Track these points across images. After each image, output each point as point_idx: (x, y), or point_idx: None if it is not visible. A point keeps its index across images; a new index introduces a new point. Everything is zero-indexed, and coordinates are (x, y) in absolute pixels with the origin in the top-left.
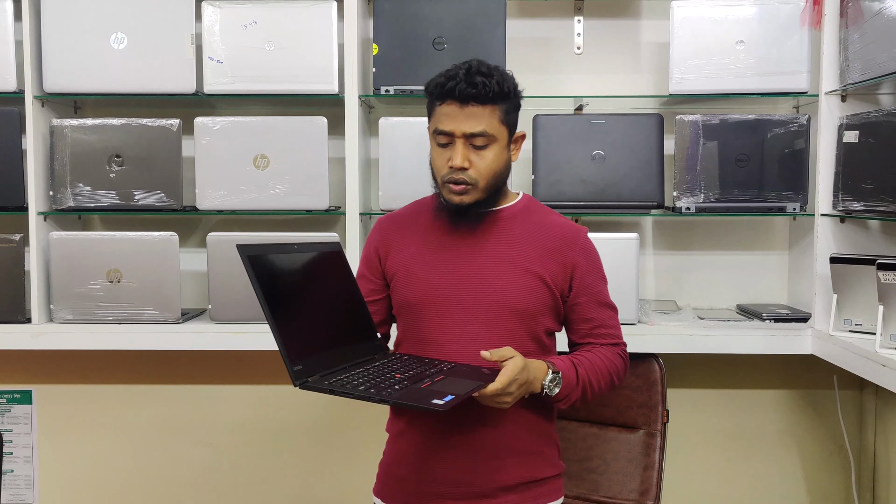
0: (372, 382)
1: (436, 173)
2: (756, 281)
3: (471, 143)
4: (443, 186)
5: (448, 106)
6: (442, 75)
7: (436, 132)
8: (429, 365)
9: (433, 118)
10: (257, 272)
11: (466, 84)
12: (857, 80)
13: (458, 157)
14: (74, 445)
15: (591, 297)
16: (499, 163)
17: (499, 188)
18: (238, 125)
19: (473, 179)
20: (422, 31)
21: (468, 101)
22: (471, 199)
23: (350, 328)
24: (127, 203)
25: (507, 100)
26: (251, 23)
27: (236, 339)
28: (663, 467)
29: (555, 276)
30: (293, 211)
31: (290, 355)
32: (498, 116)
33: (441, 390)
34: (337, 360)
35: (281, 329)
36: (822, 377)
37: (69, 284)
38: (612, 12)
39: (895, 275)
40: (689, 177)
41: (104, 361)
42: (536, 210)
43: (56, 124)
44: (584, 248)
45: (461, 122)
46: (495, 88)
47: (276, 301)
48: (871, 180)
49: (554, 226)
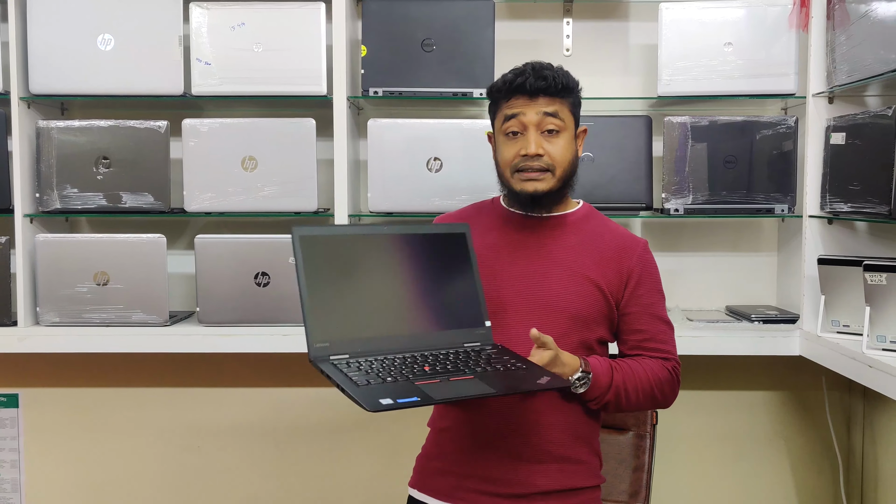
0: (391, 374)
1: (504, 167)
2: (745, 282)
3: (543, 129)
4: (513, 177)
5: (517, 100)
6: (508, 74)
7: (506, 119)
8: (499, 359)
9: (500, 112)
10: (305, 252)
11: (536, 77)
12: (844, 82)
13: (531, 144)
14: (61, 449)
15: (643, 308)
16: (570, 152)
17: (570, 181)
18: (226, 127)
19: (549, 165)
20: (410, 32)
21: (538, 94)
22: (546, 187)
23: (445, 314)
24: (114, 205)
25: (573, 93)
26: (239, 24)
27: (224, 342)
28: (653, 469)
29: (611, 284)
30: (281, 213)
31: (314, 331)
32: (567, 107)
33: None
34: (396, 343)
35: (313, 303)
36: (811, 378)
37: (56, 287)
38: (600, 14)
39: (882, 276)
40: (678, 178)
41: (91, 364)
42: (596, 217)
43: (42, 126)
44: (641, 258)
45: (533, 108)
46: (563, 81)
47: (319, 278)
48: (858, 182)
49: (613, 234)
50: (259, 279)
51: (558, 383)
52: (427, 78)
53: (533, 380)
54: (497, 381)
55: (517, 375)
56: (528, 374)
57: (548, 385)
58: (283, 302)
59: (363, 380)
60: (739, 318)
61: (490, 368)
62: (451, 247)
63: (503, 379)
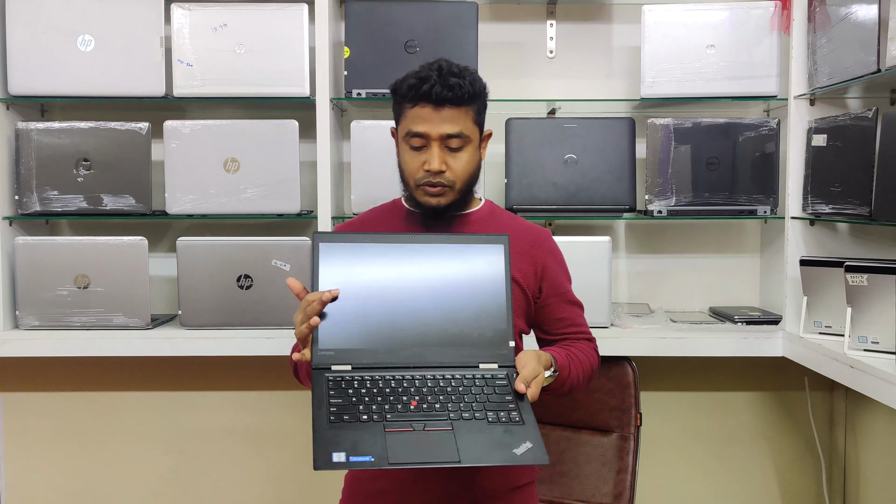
0: (377, 402)
1: (408, 177)
2: (728, 284)
3: (446, 146)
4: (416, 189)
5: (422, 108)
6: (412, 77)
7: (409, 135)
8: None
9: (404, 120)
10: (324, 259)
11: (442, 87)
12: (825, 84)
13: (435, 161)
14: (42, 454)
15: (560, 296)
16: (473, 164)
17: (472, 189)
18: (208, 129)
19: (450, 181)
20: (394, 34)
21: (444, 103)
22: (447, 201)
23: (467, 328)
24: (95, 207)
25: (479, 100)
26: (221, 25)
27: (206, 345)
28: (637, 470)
29: (527, 278)
30: (264, 215)
31: (321, 336)
32: (472, 117)
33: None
34: (407, 356)
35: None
36: (794, 379)
37: (36, 290)
38: (584, 16)
39: (863, 277)
40: (661, 180)
41: (72, 368)
42: (501, 214)
43: (22, 127)
44: (551, 249)
45: (437, 124)
46: (469, 90)
47: (334, 285)
48: (839, 183)
49: (521, 228)
50: (242, 282)
51: (533, 458)
52: None
53: (510, 447)
54: (470, 442)
55: (495, 437)
56: (508, 439)
57: (521, 459)
58: (266, 305)
59: (338, 413)
60: (722, 320)
61: (476, 417)
62: (485, 258)
63: (479, 439)
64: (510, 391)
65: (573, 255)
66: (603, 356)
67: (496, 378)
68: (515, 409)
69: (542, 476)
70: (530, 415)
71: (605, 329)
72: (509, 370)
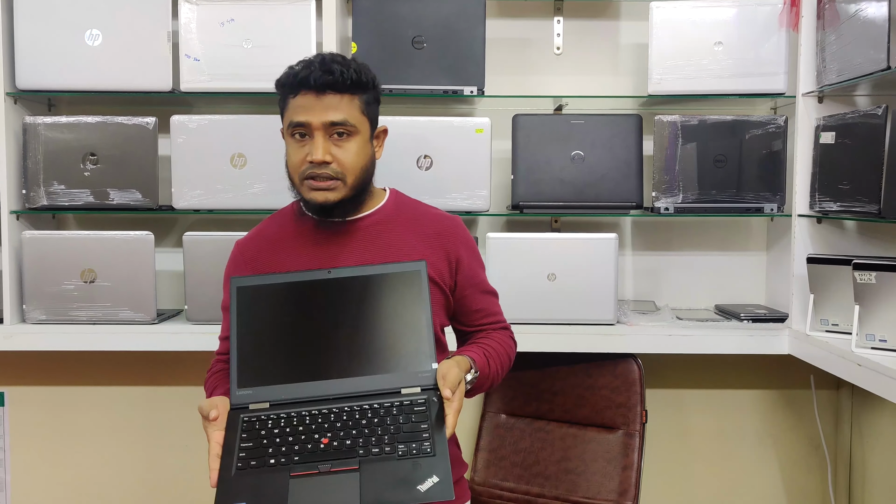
0: (288, 442)
1: (292, 171)
2: (734, 281)
3: (331, 134)
4: (302, 185)
5: (303, 97)
6: (293, 67)
7: (291, 125)
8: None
9: (287, 112)
10: (240, 302)
11: (322, 71)
12: (834, 82)
13: (318, 151)
14: (47, 448)
15: (475, 286)
16: (363, 157)
17: (365, 187)
18: (215, 123)
19: (339, 174)
20: (401, 30)
21: (325, 89)
22: (336, 197)
23: (388, 356)
24: (102, 202)
25: (367, 90)
26: (229, 20)
27: (213, 340)
28: (642, 467)
29: (441, 273)
30: (270, 210)
31: (239, 377)
32: (358, 107)
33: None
34: (327, 388)
35: (241, 350)
36: (800, 377)
37: (42, 284)
38: (591, 13)
39: (871, 275)
40: (668, 177)
41: (78, 363)
42: (407, 205)
43: (29, 122)
44: (463, 238)
45: (319, 112)
46: (353, 76)
47: (251, 326)
48: (847, 181)
49: (430, 220)
50: None
51: (438, 494)
52: (417, 76)
53: (415, 483)
54: (374, 482)
55: (401, 473)
56: (415, 474)
57: (423, 496)
58: None
59: (246, 459)
60: (728, 317)
61: (385, 452)
62: (403, 285)
63: (384, 477)
64: (427, 418)
65: (580, 252)
66: (608, 353)
67: (415, 404)
68: (429, 438)
69: (547, 472)
70: (443, 445)
71: (611, 326)
72: (430, 393)
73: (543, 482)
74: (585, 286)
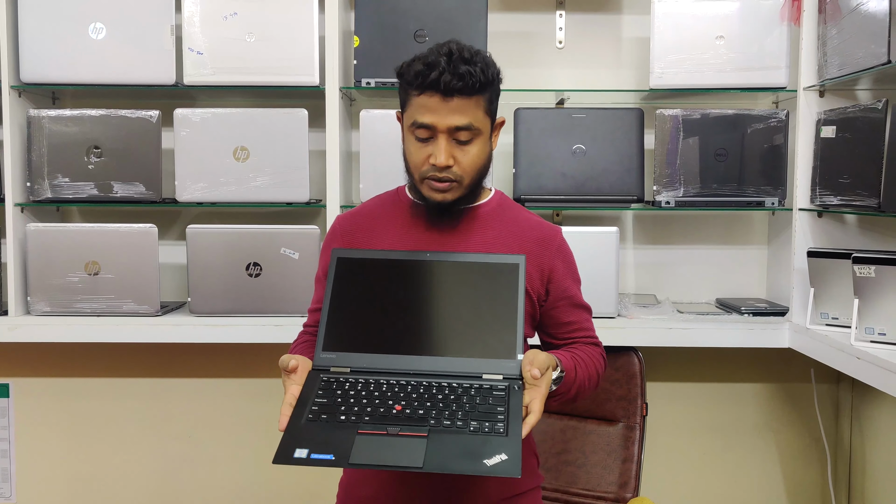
0: (360, 404)
1: (413, 169)
2: (735, 275)
3: (454, 138)
4: (421, 183)
5: (429, 98)
6: (420, 62)
7: (415, 125)
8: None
9: (410, 108)
10: (339, 271)
11: (451, 75)
12: (835, 76)
13: (442, 155)
14: (52, 439)
15: (568, 299)
16: (483, 157)
17: (481, 183)
18: (218, 117)
19: (458, 176)
20: (403, 23)
21: (453, 93)
22: (453, 197)
23: (475, 341)
24: (105, 195)
25: (492, 88)
26: (231, 14)
27: (215, 332)
28: (642, 460)
29: (532, 281)
30: (273, 203)
31: (325, 341)
32: (482, 107)
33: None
34: (409, 364)
35: (332, 315)
36: (800, 370)
37: (47, 276)
38: (593, 7)
39: (870, 268)
40: (669, 171)
41: (82, 354)
42: (510, 208)
43: (33, 115)
44: (560, 249)
45: (445, 115)
46: (481, 78)
47: (345, 295)
48: (848, 175)
49: (530, 226)
50: (251, 269)
51: (503, 471)
52: None
53: (482, 457)
54: (441, 449)
55: (470, 446)
56: (483, 448)
57: (489, 470)
58: (275, 292)
59: (317, 412)
60: (729, 311)
61: (457, 426)
62: (499, 276)
63: (452, 447)
64: (504, 402)
65: (581, 246)
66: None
67: (494, 389)
68: (503, 420)
69: (548, 464)
70: (518, 429)
71: (612, 319)
72: (512, 382)
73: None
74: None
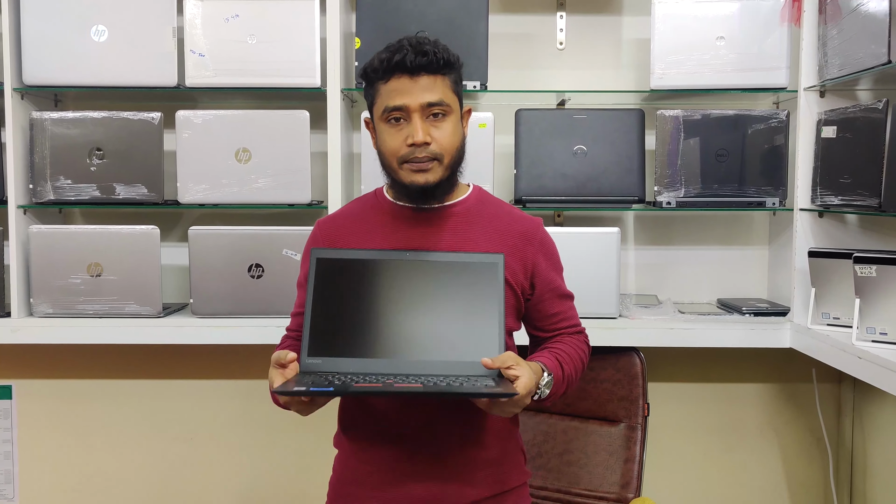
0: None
1: (389, 156)
2: (736, 275)
3: (428, 115)
4: (401, 169)
5: (397, 80)
6: (382, 52)
7: (387, 110)
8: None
9: (380, 98)
10: (318, 273)
11: (416, 53)
12: (836, 76)
13: (419, 132)
14: (55, 440)
15: (552, 291)
16: (458, 136)
17: (458, 166)
18: (220, 119)
19: (437, 154)
20: (404, 25)
21: (419, 71)
22: (435, 178)
23: (455, 343)
24: (108, 196)
25: (455, 69)
26: (233, 16)
27: (217, 334)
28: (644, 460)
29: (516, 276)
30: (275, 205)
31: (310, 347)
32: (449, 86)
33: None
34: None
35: (315, 321)
36: (801, 370)
37: (49, 278)
38: (594, 8)
39: (871, 268)
40: (670, 172)
41: (84, 356)
42: (490, 203)
43: (36, 117)
44: (542, 242)
45: (415, 94)
46: (444, 55)
47: (326, 298)
48: (849, 175)
49: (512, 220)
50: (252, 271)
51: (500, 391)
52: None
53: (477, 385)
54: (437, 386)
55: (462, 386)
56: (478, 382)
57: (487, 392)
58: (277, 294)
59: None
60: (730, 311)
61: (446, 381)
62: (478, 276)
63: (447, 386)
64: (496, 379)
65: (582, 246)
66: (611, 346)
67: (478, 378)
68: (493, 378)
69: (550, 465)
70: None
71: (613, 320)
72: (493, 377)
73: (546, 475)
74: (588, 280)
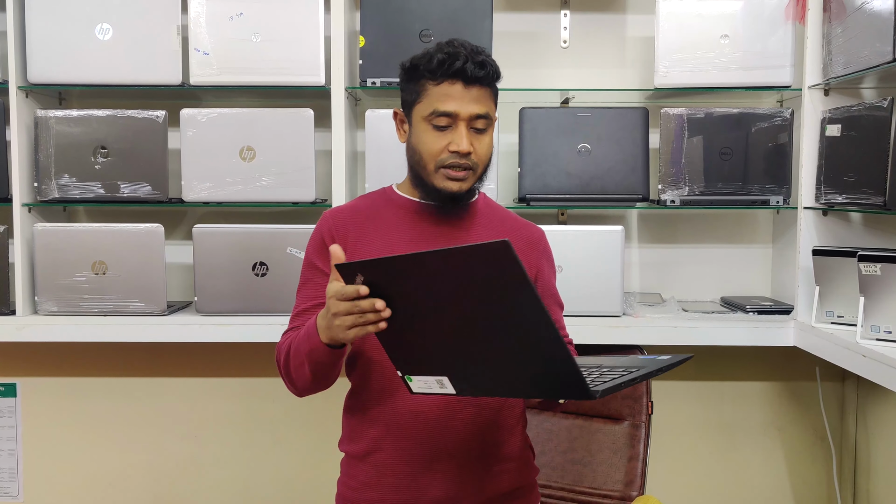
0: None
1: (427, 158)
2: (740, 273)
3: (472, 127)
4: (436, 173)
5: (450, 85)
6: (439, 52)
7: (435, 114)
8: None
9: (427, 98)
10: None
11: (475, 65)
12: (840, 74)
13: (464, 142)
14: (59, 438)
15: (551, 297)
16: (492, 148)
17: (485, 176)
18: (224, 117)
19: (474, 164)
20: (408, 23)
21: (474, 82)
22: (468, 186)
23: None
24: (112, 195)
25: (498, 83)
26: (238, 14)
27: (222, 332)
28: (648, 458)
29: None
30: (279, 203)
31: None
32: (493, 100)
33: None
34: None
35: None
36: (805, 369)
37: (54, 276)
38: (598, 6)
39: (876, 266)
40: (674, 170)
41: (89, 354)
42: (495, 207)
43: (41, 115)
44: (545, 250)
45: (466, 103)
46: (496, 70)
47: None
48: (853, 173)
49: (518, 225)
50: (257, 269)
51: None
52: None
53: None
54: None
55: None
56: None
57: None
58: (281, 292)
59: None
60: (734, 309)
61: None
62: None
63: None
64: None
65: (586, 245)
66: (615, 345)
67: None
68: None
69: (554, 463)
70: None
71: (617, 318)
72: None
73: (549, 473)
74: (592, 278)
